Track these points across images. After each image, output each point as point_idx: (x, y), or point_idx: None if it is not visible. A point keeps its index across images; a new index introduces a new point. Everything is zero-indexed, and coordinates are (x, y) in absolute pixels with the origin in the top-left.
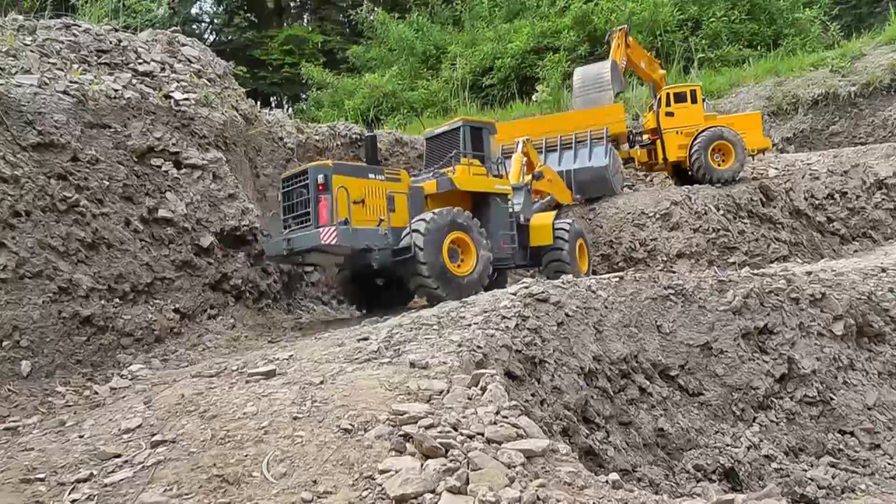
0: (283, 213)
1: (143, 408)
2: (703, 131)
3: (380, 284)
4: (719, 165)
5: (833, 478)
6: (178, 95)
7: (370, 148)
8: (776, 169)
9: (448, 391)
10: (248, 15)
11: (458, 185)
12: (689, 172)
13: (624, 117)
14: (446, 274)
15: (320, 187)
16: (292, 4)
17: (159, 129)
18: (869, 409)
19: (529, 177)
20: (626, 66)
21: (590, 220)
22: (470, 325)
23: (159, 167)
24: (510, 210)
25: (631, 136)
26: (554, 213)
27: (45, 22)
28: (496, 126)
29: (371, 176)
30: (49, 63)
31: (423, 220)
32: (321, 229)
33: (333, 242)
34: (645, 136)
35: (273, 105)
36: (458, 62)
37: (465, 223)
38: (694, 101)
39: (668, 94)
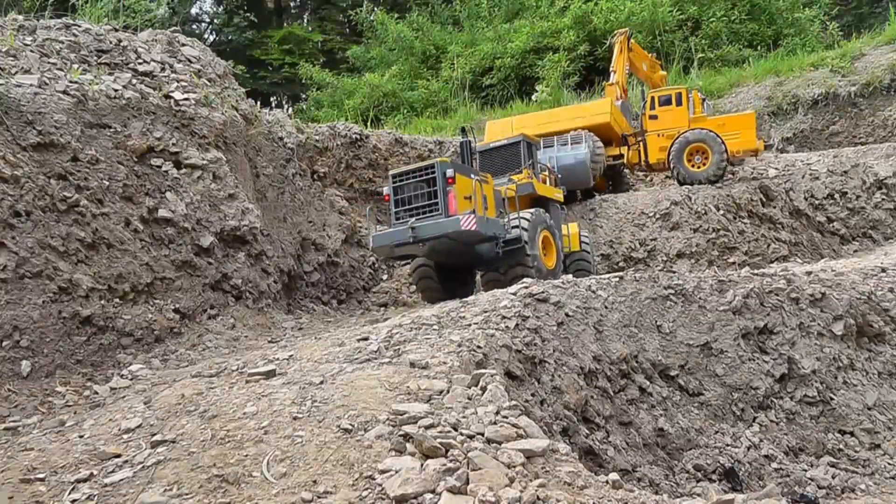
0: (395, 206)
1: (143, 408)
2: (675, 140)
3: (451, 277)
4: (702, 167)
5: (833, 478)
6: (178, 95)
7: (466, 152)
8: (776, 169)
9: (448, 391)
10: (248, 15)
11: (537, 191)
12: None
13: (609, 111)
14: (541, 265)
15: (449, 180)
16: (292, 4)
17: (159, 129)
18: (869, 409)
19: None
20: (628, 70)
21: (590, 220)
22: (470, 325)
23: (159, 167)
24: (564, 216)
25: (624, 137)
26: (577, 223)
27: (45, 22)
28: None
29: (472, 176)
30: (49, 63)
31: (528, 215)
32: (461, 217)
33: (473, 229)
34: (631, 139)
35: (273, 105)
36: (458, 62)
37: (550, 223)
38: (679, 103)
39: (652, 98)
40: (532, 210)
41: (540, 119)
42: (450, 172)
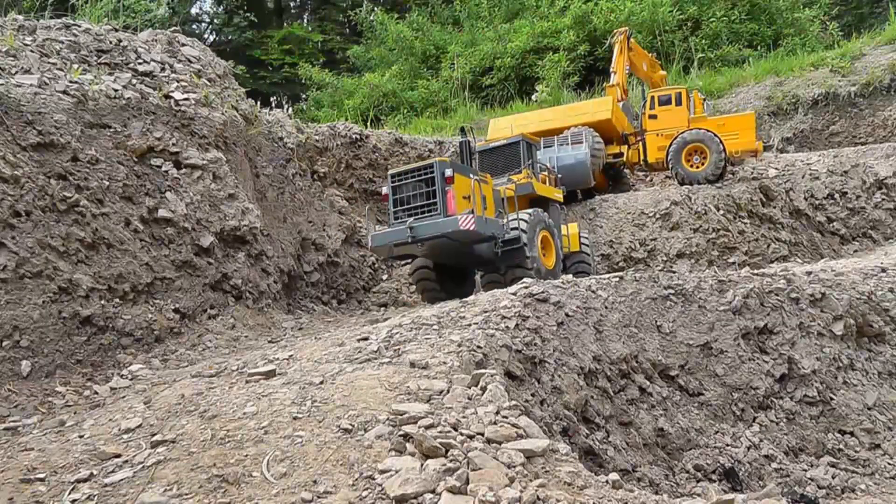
0: (394, 205)
1: (143, 408)
2: (672, 141)
3: (450, 278)
4: (700, 167)
5: (833, 478)
6: (178, 95)
7: (466, 152)
8: (776, 169)
9: (448, 391)
10: (248, 15)
11: (536, 191)
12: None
13: (611, 107)
14: (540, 265)
15: (448, 180)
16: (292, 4)
17: (159, 129)
18: (869, 409)
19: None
20: (628, 70)
21: (590, 220)
22: (470, 325)
23: (159, 167)
24: (564, 216)
25: (624, 135)
26: (577, 223)
27: (45, 22)
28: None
29: (471, 176)
30: (49, 63)
31: (526, 215)
32: (460, 217)
33: (472, 228)
34: (631, 138)
35: (273, 105)
36: (458, 62)
37: (549, 223)
38: (679, 103)
39: (652, 98)
40: (531, 210)
41: (543, 116)
42: (448, 172)
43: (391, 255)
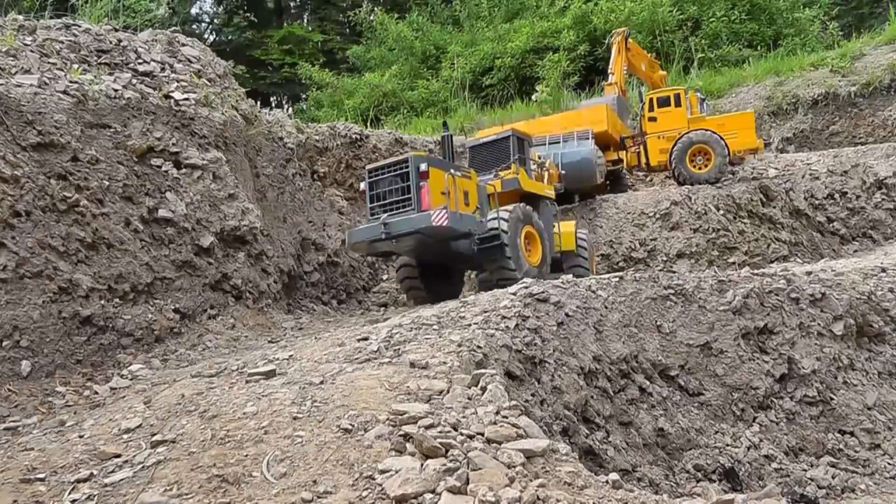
0: (370, 201)
1: (143, 408)
2: (678, 140)
3: (436, 277)
4: (704, 167)
5: (833, 478)
6: (178, 95)
7: (448, 146)
8: (776, 169)
9: (448, 391)
10: (248, 15)
11: (522, 186)
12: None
13: (605, 118)
14: (522, 262)
15: (423, 175)
16: (292, 4)
17: (159, 129)
18: (869, 409)
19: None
20: (627, 71)
21: (590, 220)
22: (470, 325)
23: (159, 167)
24: (555, 213)
25: (622, 140)
26: (575, 222)
27: (45, 22)
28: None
29: (452, 171)
30: (49, 63)
31: (506, 212)
32: (433, 212)
33: (445, 224)
34: (629, 141)
35: (273, 105)
36: (458, 62)
37: (535, 219)
38: (678, 104)
39: (651, 99)
40: (512, 206)
41: (536, 127)
42: (423, 167)
43: (369, 252)
